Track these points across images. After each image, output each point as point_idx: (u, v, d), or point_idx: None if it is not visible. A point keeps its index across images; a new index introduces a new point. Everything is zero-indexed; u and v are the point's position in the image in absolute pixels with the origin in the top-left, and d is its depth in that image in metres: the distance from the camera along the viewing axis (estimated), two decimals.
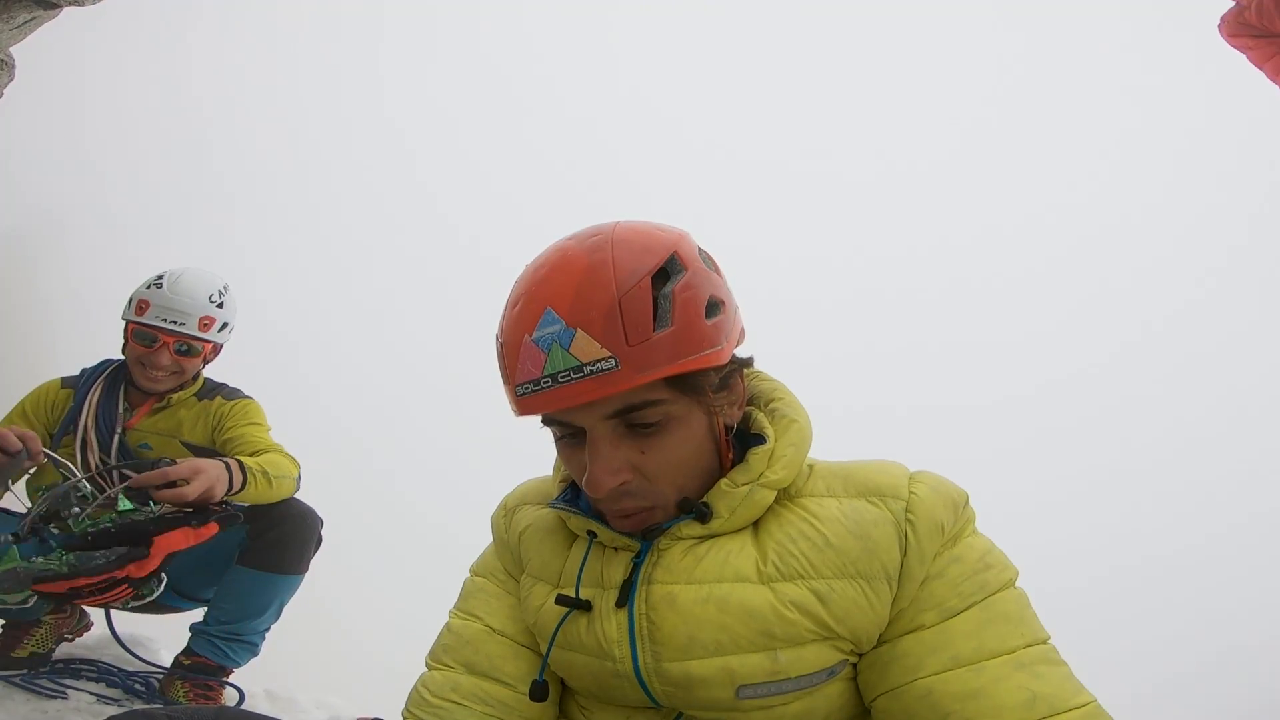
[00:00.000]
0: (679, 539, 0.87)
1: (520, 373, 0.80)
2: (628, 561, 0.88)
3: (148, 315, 2.05)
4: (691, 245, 0.86)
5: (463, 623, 1.00)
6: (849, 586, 0.82)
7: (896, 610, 0.83)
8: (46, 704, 1.90)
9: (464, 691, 0.92)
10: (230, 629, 1.96)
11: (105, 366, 2.18)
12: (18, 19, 2.71)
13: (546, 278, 0.82)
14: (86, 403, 2.09)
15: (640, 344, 0.77)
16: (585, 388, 0.77)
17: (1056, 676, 0.78)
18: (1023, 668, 0.77)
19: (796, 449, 0.89)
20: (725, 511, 0.86)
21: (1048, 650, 0.80)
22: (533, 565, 0.98)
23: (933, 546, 0.83)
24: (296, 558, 1.98)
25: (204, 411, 2.14)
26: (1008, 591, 0.84)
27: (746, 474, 0.86)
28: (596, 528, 0.90)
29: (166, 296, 2.07)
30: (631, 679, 0.85)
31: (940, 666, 0.79)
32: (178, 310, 2.06)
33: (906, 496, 0.85)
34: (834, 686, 0.85)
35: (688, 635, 0.83)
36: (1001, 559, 0.87)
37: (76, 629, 2.25)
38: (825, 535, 0.84)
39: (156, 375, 2.07)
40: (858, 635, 0.82)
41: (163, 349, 2.05)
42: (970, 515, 0.89)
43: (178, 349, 2.08)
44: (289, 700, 2.34)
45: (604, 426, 0.81)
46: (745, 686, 0.81)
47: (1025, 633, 0.80)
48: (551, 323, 0.78)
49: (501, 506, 1.08)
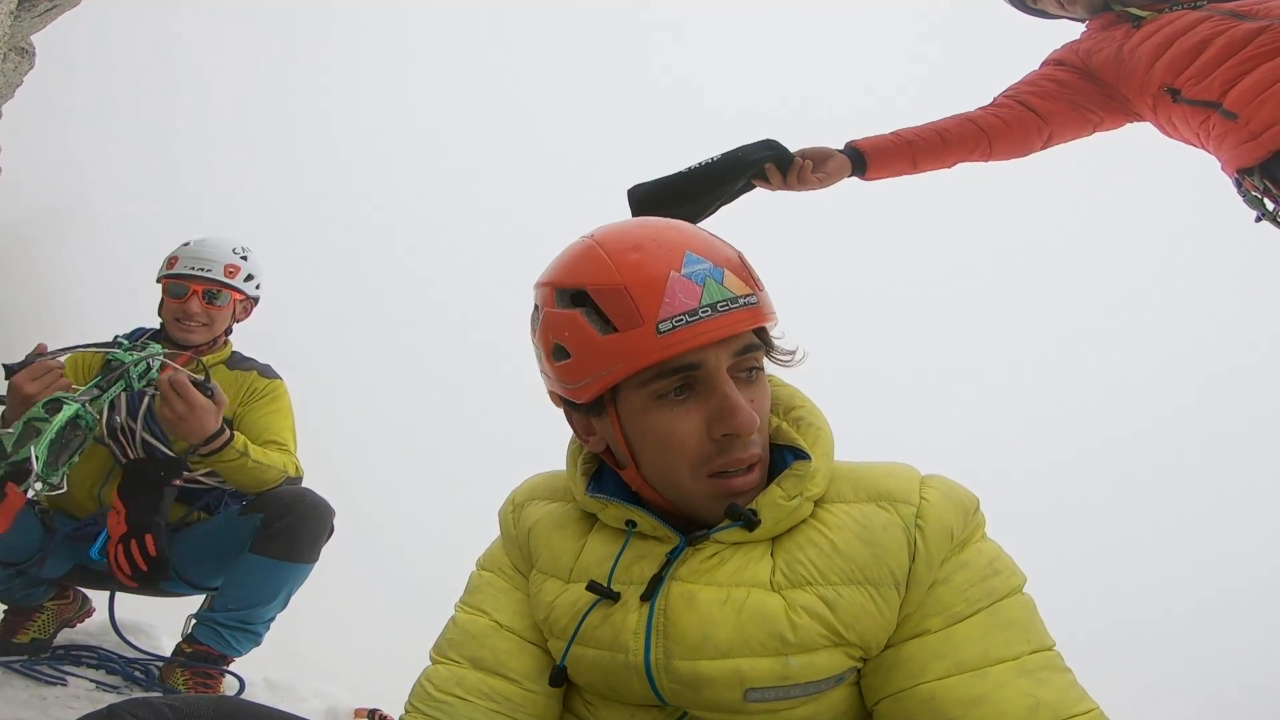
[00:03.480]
0: (716, 543, 0.87)
1: (670, 306, 0.81)
2: (662, 555, 0.88)
3: (177, 267, 2.19)
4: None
5: (469, 617, 0.99)
6: (857, 593, 0.81)
7: (903, 615, 0.83)
8: (46, 690, 1.90)
9: (468, 686, 0.92)
10: (237, 616, 1.97)
11: (141, 333, 2.25)
12: (39, 6, 2.72)
13: (661, 233, 0.87)
14: None
15: (762, 291, 0.87)
16: (741, 317, 0.83)
17: (1060, 683, 0.77)
18: (1027, 674, 0.77)
19: (829, 459, 0.90)
20: (770, 522, 0.85)
21: (1052, 657, 0.80)
22: (543, 560, 0.97)
23: (941, 552, 0.83)
24: (309, 546, 2.00)
25: (235, 382, 2.19)
26: (1015, 598, 0.83)
27: (797, 487, 0.86)
28: (638, 515, 0.90)
29: (192, 248, 2.23)
30: (641, 673, 0.85)
31: (944, 672, 0.78)
32: (204, 259, 2.21)
33: (917, 502, 0.84)
34: (839, 691, 0.84)
35: (702, 635, 0.82)
36: (1010, 565, 0.86)
37: (78, 615, 2.26)
38: (833, 542, 0.84)
39: (190, 325, 2.16)
40: (866, 641, 0.82)
41: (193, 297, 2.16)
42: (980, 521, 0.88)
43: (206, 296, 2.17)
44: (288, 689, 2.33)
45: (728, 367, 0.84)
46: (754, 690, 0.81)
47: (1031, 639, 0.80)
48: (698, 261, 0.84)
49: (509, 501, 1.08)
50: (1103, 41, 1.78)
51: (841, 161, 1.73)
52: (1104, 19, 1.81)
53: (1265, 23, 1.47)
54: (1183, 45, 1.58)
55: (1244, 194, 1.59)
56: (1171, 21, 1.63)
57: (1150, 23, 1.67)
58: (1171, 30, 1.62)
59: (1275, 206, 1.54)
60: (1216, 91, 1.51)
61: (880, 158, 1.77)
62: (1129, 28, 1.72)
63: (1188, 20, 1.60)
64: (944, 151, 1.80)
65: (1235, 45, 1.49)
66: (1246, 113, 1.47)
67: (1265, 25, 1.47)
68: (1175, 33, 1.61)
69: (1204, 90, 1.53)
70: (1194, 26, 1.58)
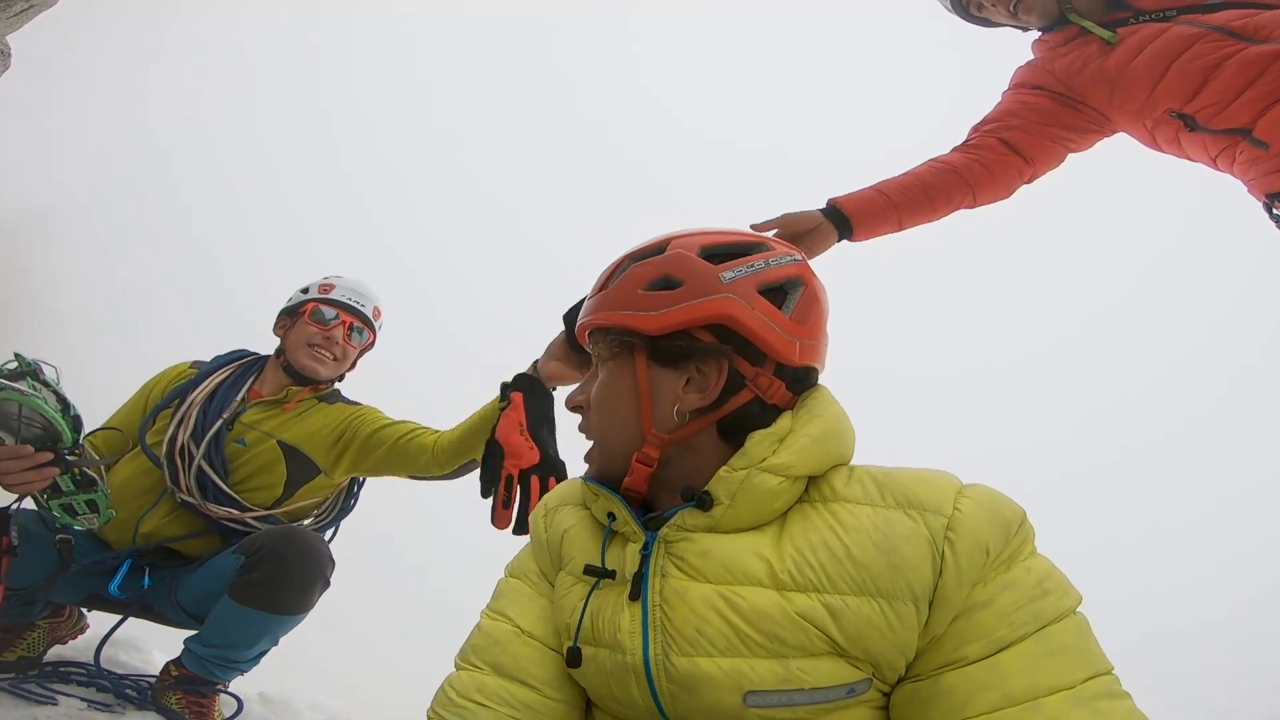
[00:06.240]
0: (685, 530, 0.87)
1: None
2: (636, 553, 0.88)
3: (334, 294, 2.16)
4: (687, 242, 0.95)
5: (493, 623, 0.99)
6: (865, 605, 0.77)
7: (929, 638, 0.77)
8: (36, 710, 1.85)
9: (489, 693, 0.91)
10: (220, 654, 1.85)
11: (240, 355, 2.18)
12: (15, 7, 2.65)
13: None
14: (206, 383, 2.07)
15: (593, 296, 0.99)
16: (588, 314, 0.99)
17: (1119, 711, 0.72)
18: (1083, 704, 0.71)
19: (816, 442, 0.86)
20: (724, 497, 0.85)
21: (1110, 682, 0.74)
22: (574, 564, 0.97)
23: (974, 570, 0.77)
24: (292, 598, 1.78)
25: (322, 414, 2.11)
26: (1067, 620, 0.76)
27: (745, 459, 0.85)
28: (616, 508, 0.92)
29: (350, 281, 2.20)
30: (640, 674, 0.84)
31: (991, 705, 0.72)
32: (361, 294, 2.19)
33: (950, 512, 0.79)
34: (855, 712, 0.79)
35: (696, 629, 0.81)
36: (1062, 583, 0.79)
37: (71, 632, 2.21)
38: (848, 547, 0.79)
39: (324, 357, 2.11)
40: (874, 657, 0.77)
41: (339, 326, 2.12)
42: (1027, 535, 0.81)
43: (353, 331, 2.14)
44: (283, 703, 2.31)
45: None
46: (753, 693, 0.78)
47: (1086, 665, 0.74)
48: None
49: (542, 506, 1.09)
50: (1075, 60, 1.73)
51: (826, 230, 1.67)
52: (1065, 33, 1.77)
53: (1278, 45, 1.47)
54: (1185, 68, 1.55)
55: (1274, 216, 1.61)
56: (1154, 37, 1.60)
57: (1127, 40, 1.64)
58: (1161, 49, 1.59)
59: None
60: (1244, 120, 1.51)
61: (867, 221, 1.71)
62: (1100, 44, 1.68)
63: (1180, 37, 1.57)
64: (929, 209, 1.75)
65: (1251, 70, 1.48)
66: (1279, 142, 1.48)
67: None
68: (1168, 52, 1.58)
69: (1228, 119, 1.53)
70: (1190, 46, 1.56)
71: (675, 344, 0.90)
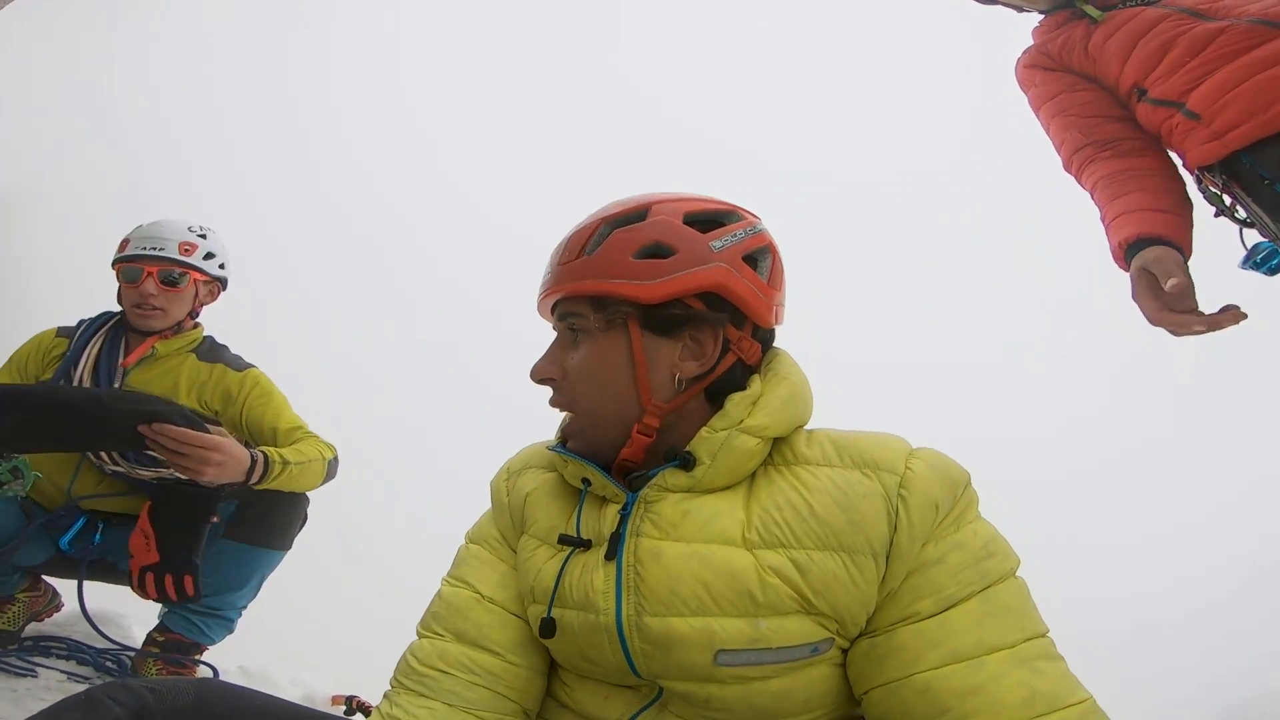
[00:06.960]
0: (666, 490, 0.89)
1: None
2: (615, 513, 0.90)
3: (129, 249, 2.07)
4: (670, 208, 0.95)
5: (453, 590, 1.00)
6: (829, 559, 0.82)
7: (886, 592, 0.82)
8: (16, 682, 1.90)
9: (451, 660, 0.93)
10: (210, 602, 1.95)
11: (106, 318, 2.13)
12: None
13: None
14: (86, 353, 2.04)
15: (567, 263, 0.95)
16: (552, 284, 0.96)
17: (1055, 673, 0.78)
18: (1023, 663, 0.77)
19: (785, 404, 0.91)
20: (706, 457, 0.87)
21: (1046, 644, 0.80)
22: (537, 527, 0.98)
23: (926, 526, 0.82)
24: (281, 533, 1.99)
25: (207, 376, 2.07)
26: (1009, 582, 0.83)
27: (725, 420, 0.89)
28: (591, 473, 0.93)
29: (145, 228, 2.10)
30: (613, 633, 0.86)
31: (939, 661, 0.78)
32: (157, 237, 2.07)
33: (902, 471, 0.84)
34: (817, 669, 0.84)
35: (670, 589, 0.83)
36: (1004, 547, 0.85)
37: (47, 609, 2.25)
38: (811, 505, 0.84)
39: (148, 311, 2.04)
40: (839, 612, 0.82)
41: (148, 279, 2.03)
42: (972, 498, 0.87)
43: (162, 277, 2.04)
44: (263, 676, 2.34)
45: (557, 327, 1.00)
46: (724, 652, 0.81)
47: (1025, 626, 0.80)
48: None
49: (504, 470, 1.09)
50: (1066, 42, 1.79)
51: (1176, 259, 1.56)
52: (1060, 16, 1.83)
53: (1225, 23, 1.50)
54: (1148, 45, 1.59)
55: (1203, 190, 1.63)
56: (1131, 18, 1.65)
57: (1109, 20, 1.69)
58: (1133, 28, 1.64)
59: (1232, 202, 1.58)
60: (1179, 91, 1.54)
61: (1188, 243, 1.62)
62: (1087, 25, 1.73)
63: (1148, 18, 1.62)
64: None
65: (1197, 45, 1.51)
66: (1210, 113, 1.49)
67: (1225, 25, 1.50)
68: (1137, 31, 1.63)
69: (1168, 90, 1.56)
70: (1155, 25, 1.60)
71: (671, 313, 0.90)
